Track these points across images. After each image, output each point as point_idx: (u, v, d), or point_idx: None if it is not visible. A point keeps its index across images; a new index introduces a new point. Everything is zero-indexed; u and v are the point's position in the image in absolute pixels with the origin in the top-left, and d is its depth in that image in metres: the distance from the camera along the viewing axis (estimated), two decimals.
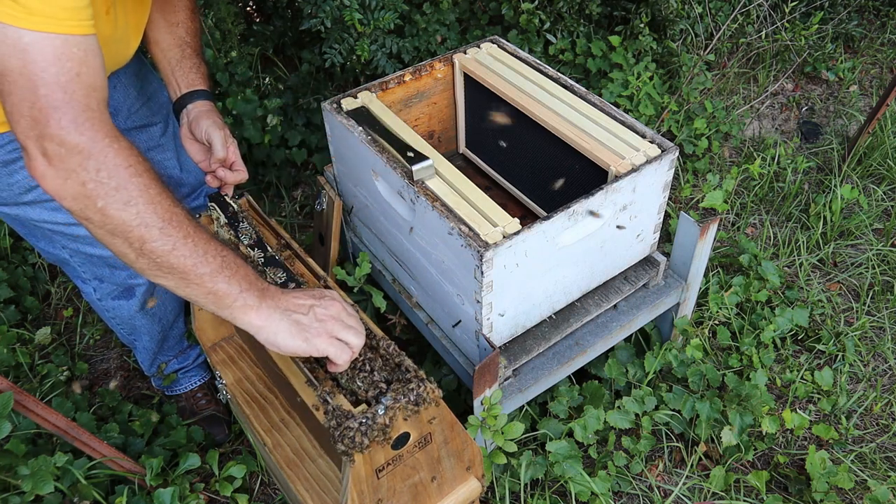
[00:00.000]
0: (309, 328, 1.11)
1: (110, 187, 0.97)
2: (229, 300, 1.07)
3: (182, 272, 1.03)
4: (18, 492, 1.49)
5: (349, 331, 1.14)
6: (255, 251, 1.35)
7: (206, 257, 1.05)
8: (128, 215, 0.99)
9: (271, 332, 1.09)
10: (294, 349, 1.10)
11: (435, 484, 1.36)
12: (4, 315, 2.19)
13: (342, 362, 1.14)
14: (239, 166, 1.47)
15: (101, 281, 1.65)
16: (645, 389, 1.86)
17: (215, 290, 1.06)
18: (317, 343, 1.10)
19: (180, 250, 1.03)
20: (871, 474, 1.85)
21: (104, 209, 0.98)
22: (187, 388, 2.01)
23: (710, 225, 1.72)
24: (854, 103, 3.10)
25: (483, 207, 1.44)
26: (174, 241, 1.02)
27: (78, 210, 0.99)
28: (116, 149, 0.99)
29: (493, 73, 1.81)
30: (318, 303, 1.15)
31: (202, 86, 1.47)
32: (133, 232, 0.99)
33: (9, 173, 1.34)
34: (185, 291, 1.06)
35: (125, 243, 1.00)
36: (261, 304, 1.09)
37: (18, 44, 0.92)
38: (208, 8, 2.56)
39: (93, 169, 0.96)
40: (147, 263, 1.02)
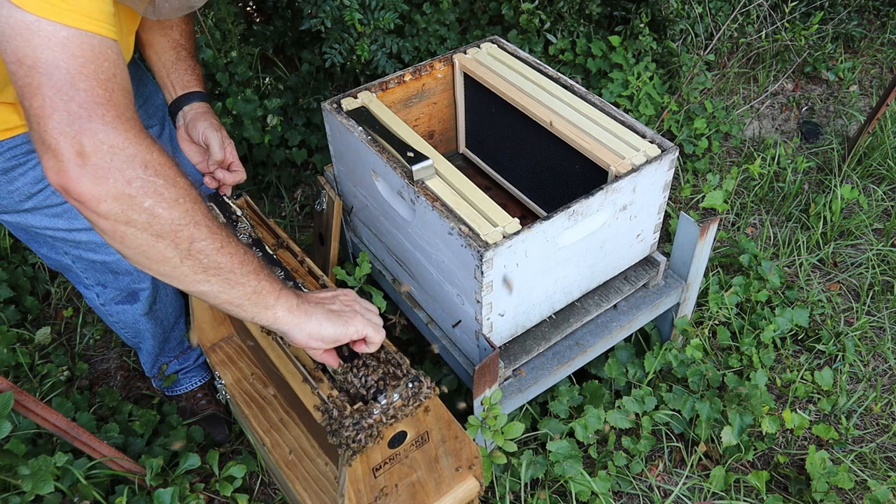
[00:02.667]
0: (342, 314, 1.12)
1: (158, 185, 0.93)
2: (272, 298, 1.05)
3: (229, 271, 1.00)
4: (18, 492, 1.48)
5: (372, 314, 1.17)
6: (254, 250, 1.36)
7: (247, 256, 1.03)
8: (178, 213, 0.94)
9: (314, 325, 1.09)
10: (337, 335, 1.11)
11: (433, 482, 1.36)
12: (4, 315, 2.19)
13: (378, 340, 1.16)
14: (237, 167, 1.47)
15: (104, 286, 1.65)
16: (645, 389, 1.86)
17: (260, 289, 1.03)
18: (356, 325, 1.12)
19: (227, 248, 1.00)
20: (871, 474, 1.85)
21: (152, 208, 0.92)
22: (188, 389, 2.01)
23: (710, 225, 1.72)
24: (854, 103, 3.10)
25: (483, 207, 1.44)
26: (222, 238, 0.99)
27: (119, 212, 0.91)
28: (160, 149, 0.96)
29: (493, 73, 1.81)
30: (337, 293, 1.17)
31: (198, 87, 1.47)
32: (183, 231, 0.95)
33: (9, 181, 1.34)
34: (229, 294, 1.01)
35: (171, 245, 0.95)
36: (298, 300, 1.09)
37: (54, 37, 0.89)
38: (208, 8, 2.56)
39: (140, 166, 0.92)
40: (192, 266, 0.97)
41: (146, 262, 0.96)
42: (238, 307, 1.03)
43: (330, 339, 1.11)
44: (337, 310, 1.13)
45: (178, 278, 0.98)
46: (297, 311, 1.08)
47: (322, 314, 1.10)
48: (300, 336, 1.09)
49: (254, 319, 1.06)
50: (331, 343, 1.12)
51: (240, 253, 1.01)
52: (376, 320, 1.17)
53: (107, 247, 1.55)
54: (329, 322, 1.10)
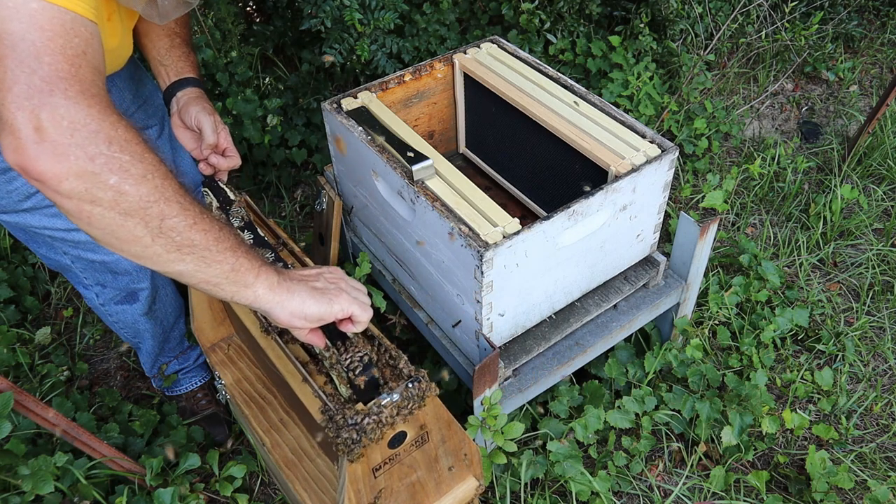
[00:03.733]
0: (327, 291, 1.09)
1: (124, 161, 0.88)
2: (251, 276, 1.01)
3: (204, 248, 0.96)
4: (18, 492, 1.49)
5: (359, 293, 1.13)
6: (245, 233, 1.35)
7: (223, 232, 0.99)
8: (146, 189, 0.90)
9: (297, 302, 1.05)
10: (321, 314, 1.07)
11: (433, 482, 1.36)
12: (4, 315, 2.19)
13: (365, 319, 1.12)
14: (231, 152, 1.44)
15: (104, 286, 1.64)
16: (645, 389, 1.86)
17: (238, 266, 1.00)
18: (341, 303, 1.08)
19: (201, 224, 0.95)
20: (871, 474, 1.85)
21: (118, 185, 0.88)
22: (188, 389, 2.01)
23: (710, 225, 1.72)
24: (854, 103, 3.10)
25: (483, 207, 1.44)
26: (194, 214, 0.95)
27: (83, 190, 0.87)
28: (126, 125, 0.92)
29: (493, 73, 1.81)
30: (322, 270, 1.14)
31: (192, 73, 1.45)
32: (152, 208, 0.90)
33: (7, 181, 1.34)
34: (206, 273, 0.98)
35: (141, 223, 0.90)
36: (279, 277, 1.05)
37: (24, 9, 0.86)
38: (208, 8, 2.56)
39: (103, 142, 0.87)
40: (164, 245, 0.93)
41: (116, 242, 0.93)
42: (216, 286, 1.00)
43: (314, 318, 1.07)
44: (321, 287, 1.09)
45: (150, 258, 0.95)
46: (279, 288, 1.04)
47: (306, 292, 1.07)
48: (283, 314, 1.05)
49: (234, 299, 1.02)
50: (315, 322, 1.08)
51: (214, 229, 0.98)
52: (363, 298, 1.13)
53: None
54: (313, 300, 1.06)
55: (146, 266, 0.96)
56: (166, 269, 0.96)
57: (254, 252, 1.04)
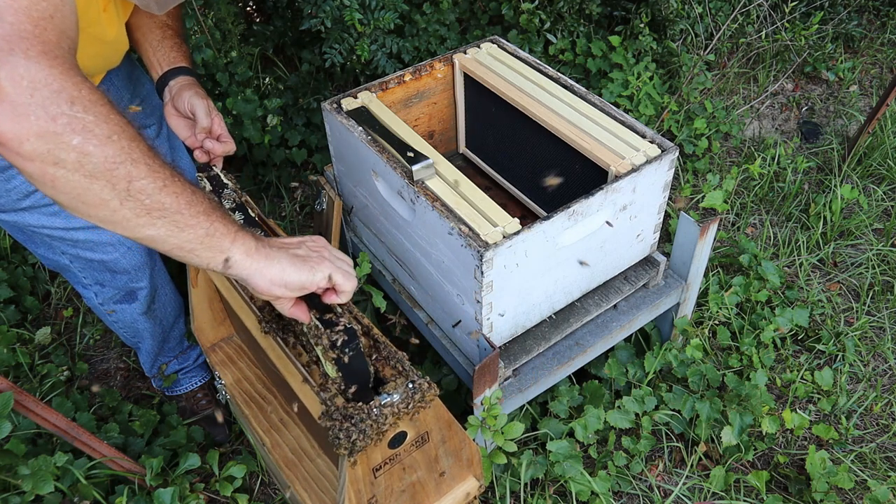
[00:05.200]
0: (309, 258, 1.05)
1: (88, 121, 0.85)
2: (227, 241, 0.98)
3: (176, 212, 0.92)
4: (18, 492, 1.49)
5: (343, 262, 1.09)
6: (237, 214, 1.33)
7: (196, 196, 0.95)
8: (111, 150, 0.86)
9: (277, 269, 1.01)
10: (302, 282, 1.03)
11: (433, 482, 1.36)
12: (4, 315, 2.19)
13: (350, 288, 1.09)
14: (226, 138, 1.42)
15: (103, 286, 1.64)
16: (645, 389, 1.86)
17: (213, 231, 0.96)
18: (323, 271, 1.05)
19: (172, 187, 0.92)
20: (871, 474, 1.85)
21: (82, 146, 0.84)
22: (188, 389, 2.01)
23: (710, 225, 1.72)
24: (854, 103, 3.10)
25: (483, 207, 1.44)
26: (164, 177, 0.91)
27: (45, 152, 0.83)
28: (90, 87, 0.88)
29: (493, 73, 1.81)
30: (304, 239, 1.10)
31: (184, 63, 1.44)
32: (119, 169, 0.87)
33: (6, 179, 1.34)
34: (179, 238, 0.94)
35: (107, 186, 0.87)
36: (257, 243, 1.01)
37: None
38: (208, 8, 2.56)
39: (65, 102, 0.84)
40: (134, 208, 0.89)
41: (83, 207, 0.89)
42: (190, 252, 0.96)
43: (295, 286, 1.03)
44: (303, 255, 1.05)
45: (120, 223, 0.91)
46: (257, 254, 1.00)
47: (286, 259, 1.03)
48: (262, 282, 1.01)
49: (209, 266, 0.99)
50: (296, 290, 1.04)
51: (186, 193, 0.94)
52: (346, 267, 1.09)
53: (105, 245, 1.55)
54: (293, 267, 1.02)
55: (116, 232, 0.93)
56: (137, 234, 0.92)
57: (230, 217, 1.01)
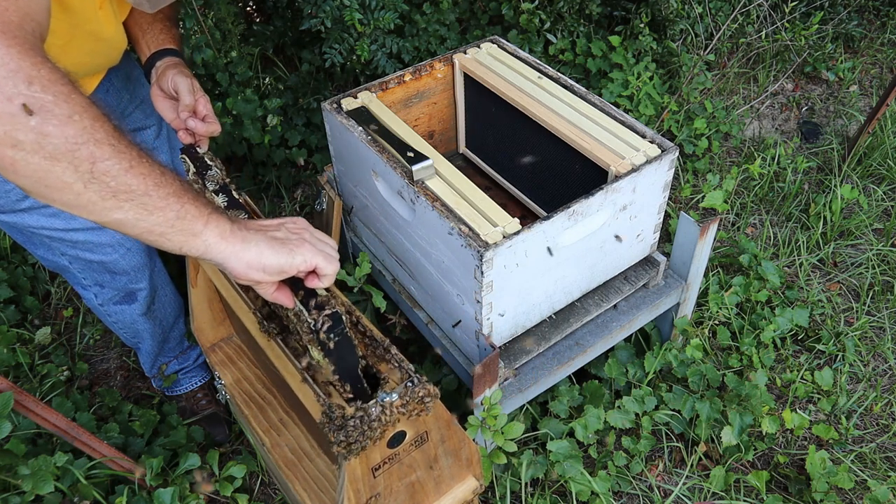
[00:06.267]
0: (288, 241, 1.01)
1: (47, 101, 0.81)
2: (200, 224, 0.93)
3: (143, 194, 0.88)
4: (18, 492, 1.49)
5: (325, 244, 1.06)
6: (220, 196, 1.30)
7: (165, 177, 0.91)
8: (72, 130, 0.82)
9: (254, 253, 0.97)
10: (281, 265, 0.99)
11: (433, 482, 1.36)
12: (4, 315, 2.19)
13: (331, 272, 1.05)
14: (211, 118, 1.39)
15: (102, 286, 1.64)
16: (645, 389, 1.86)
17: (184, 213, 0.91)
18: (303, 254, 1.01)
19: (139, 168, 0.88)
20: (871, 474, 1.85)
21: (40, 126, 0.80)
22: (188, 389, 2.01)
23: (710, 225, 1.72)
24: (854, 103, 3.10)
25: (483, 207, 1.44)
26: (130, 158, 0.87)
27: (2, 133, 0.80)
28: (51, 67, 0.84)
29: (493, 73, 1.81)
30: (284, 220, 1.07)
31: (172, 45, 1.43)
32: (80, 150, 0.83)
33: (5, 180, 1.34)
34: (148, 222, 0.90)
35: (70, 167, 0.83)
36: (233, 225, 0.97)
37: None
38: (208, 8, 2.56)
39: (23, 81, 0.80)
40: (99, 191, 0.85)
41: (47, 191, 0.85)
42: (161, 236, 0.92)
43: (273, 270, 0.99)
44: (282, 237, 1.01)
45: (86, 208, 0.87)
46: (232, 237, 0.96)
47: (263, 242, 0.98)
48: (239, 266, 0.97)
49: (182, 250, 0.94)
50: (275, 274, 1.00)
51: (155, 174, 0.89)
52: (328, 250, 1.05)
53: (104, 247, 1.55)
54: (271, 250, 0.98)
55: (83, 217, 0.89)
56: (104, 218, 0.89)
57: (203, 199, 0.96)
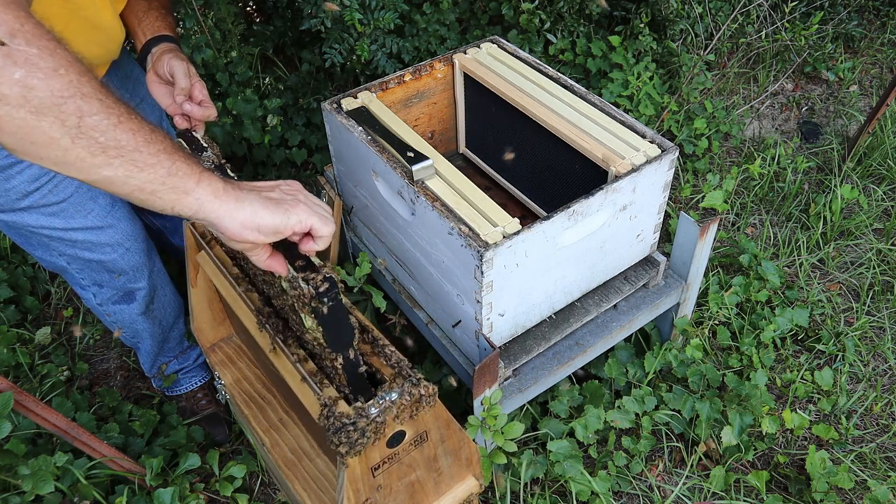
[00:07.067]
0: (283, 201, 0.99)
1: (31, 54, 0.79)
2: (192, 181, 0.91)
3: (133, 150, 0.86)
4: (18, 492, 1.49)
5: (319, 206, 1.05)
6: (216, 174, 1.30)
7: (155, 134, 0.89)
8: (59, 83, 0.80)
9: (248, 212, 0.95)
10: (276, 225, 0.97)
11: (432, 482, 1.36)
12: (4, 315, 2.19)
13: (327, 233, 1.03)
14: (207, 103, 1.38)
15: (101, 286, 1.64)
16: (645, 389, 1.86)
17: (175, 171, 0.89)
18: (298, 214, 0.99)
19: (128, 124, 0.86)
20: (871, 474, 1.85)
21: (25, 80, 0.78)
22: (188, 389, 2.01)
23: (710, 225, 1.72)
24: (854, 103, 3.10)
25: (483, 207, 1.44)
26: (118, 113, 0.85)
27: None
28: (35, 22, 0.82)
29: (493, 73, 1.81)
30: (278, 182, 1.04)
31: (167, 32, 1.43)
32: (67, 104, 0.81)
33: (5, 178, 1.34)
34: (139, 179, 0.87)
35: (57, 122, 0.81)
36: (225, 184, 0.95)
37: None
38: (208, 8, 2.56)
39: (5, 35, 0.78)
40: (88, 147, 0.83)
41: (33, 148, 0.83)
42: (152, 194, 0.89)
43: (268, 230, 0.97)
44: (276, 197, 0.99)
45: (74, 165, 0.84)
46: (225, 195, 0.94)
47: (258, 201, 0.96)
48: (232, 226, 0.94)
49: (174, 209, 0.92)
50: (270, 234, 0.98)
51: (144, 130, 0.87)
52: (323, 212, 1.04)
53: (103, 246, 1.55)
54: (266, 210, 0.96)
55: (71, 176, 0.87)
56: (93, 176, 0.86)
57: (194, 158, 0.95)
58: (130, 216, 1.60)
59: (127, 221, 1.58)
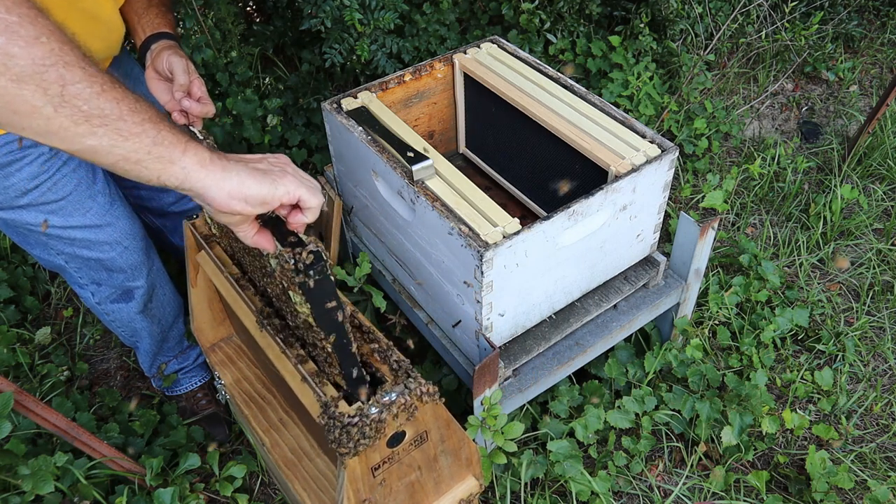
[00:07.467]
0: (270, 172, 0.98)
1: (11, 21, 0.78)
2: (178, 150, 0.90)
3: (118, 118, 0.85)
4: (18, 492, 1.49)
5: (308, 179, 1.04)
6: None
7: (140, 104, 0.88)
8: (40, 51, 0.79)
9: (235, 181, 0.93)
10: (263, 195, 0.96)
11: (432, 482, 1.36)
12: (4, 315, 2.19)
13: (315, 205, 1.02)
14: (206, 100, 1.38)
15: (99, 285, 1.64)
16: (645, 389, 1.86)
17: (161, 140, 0.88)
18: (286, 184, 0.98)
19: (112, 93, 0.85)
20: (871, 474, 1.85)
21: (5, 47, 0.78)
22: (188, 389, 2.01)
23: (710, 225, 1.72)
24: (854, 103, 3.10)
25: (483, 207, 1.44)
26: (101, 82, 0.84)
27: None
28: None
29: (493, 73, 1.81)
30: (266, 155, 1.04)
31: (167, 29, 1.43)
32: (49, 72, 0.80)
33: (5, 176, 1.34)
34: (124, 148, 0.86)
35: (39, 90, 0.80)
36: (212, 154, 0.94)
37: None
38: (208, 8, 2.56)
39: None
40: (71, 116, 0.82)
41: (16, 118, 0.82)
42: (137, 164, 0.88)
43: (255, 200, 0.95)
44: (264, 168, 0.98)
45: (58, 134, 0.83)
46: (212, 165, 0.92)
47: (245, 171, 0.95)
48: (219, 196, 0.93)
49: (160, 179, 0.91)
50: (257, 205, 0.97)
51: (129, 99, 0.86)
52: (311, 183, 1.03)
53: (102, 244, 1.55)
54: (253, 179, 0.95)
55: (56, 146, 0.86)
56: (77, 145, 0.85)
57: (180, 128, 0.94)
58: (129, 215, 1.60)
59: (126, 220, 1.58)
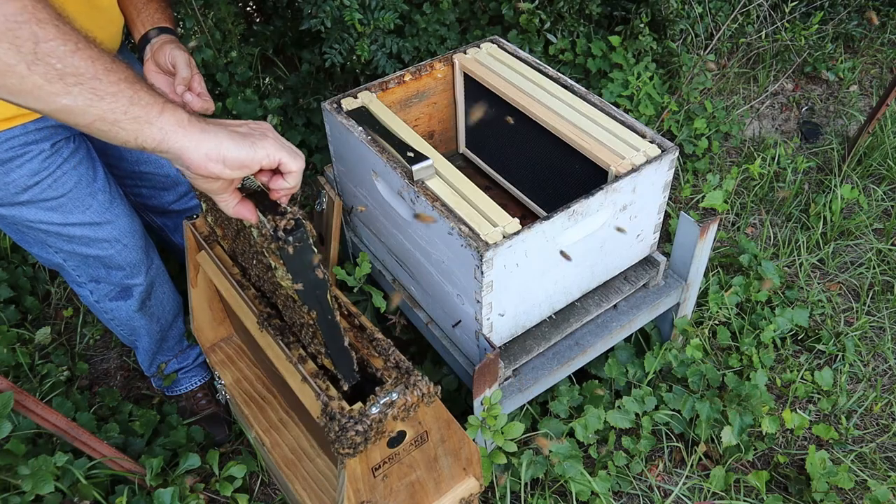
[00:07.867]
0: (250, 135, 0.97)
1: None
2: (154, 111, 0.88)
3: (93, 77, 0.84)
4: (18, 492, 1.49)
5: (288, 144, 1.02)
6: None
7: (116, 64, 0.86)
8: (12, 8, 0.79)
9: (213, 143, 0.91)
10: (241, 158, 0.94)
11: (433, 482, 1.36)
12: (4, 315, 2.19)
13: (297, 168, 1.00)
14: (206, 96, 1.37)
15: (98, 283, 1.64)
16: (645, 389, 1.86)
17: (138, 100, 0.87)
18: (266, 147, 0.96)
19: (87, 51, 0.83)
20: (871, 474, 1.85)
21: None
22: (188, 389, 2.01)
23: (710, 225, 1.72)
24: (854, 103, 3.10)
25: (483, 207, 1.44)
26: (76, 40, 0.83)
27: None
28: None
29: (493, 73, 1.81)
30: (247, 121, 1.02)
31: (167, 24, 1.43)
32: (22, 29, 0.79)
33: (5, 172, 1.34)
34: (99, 108, 0.85)
35: (12, 48, 0.79)
36: (190, 117, 0.92)
37: None
38: (208, 8, 2.56)
39: None
40: (45, 74, 0.81)
41: None
42: (114, 125, 0.87)
43: (234, 163, 0.93)
44: (244, 132, 0.97)
45: (32, 93, 0.82)
46: (190, 126, 0.91)
47: (224, 133, 0.93)
48: (196, 156, 0.91)
49: (137, 140, 0.89)
50: (236, 168, 0.95)
51: (104, 59, 0.85)
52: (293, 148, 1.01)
53: (101, 242, 1.55)
54: (232, 142, 0.93)
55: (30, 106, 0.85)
56: (52, 105, 0.84)
57: (157, 89, 0.92)
58: (129, 213, 1.60)
59: (125, 218, 1.58)
